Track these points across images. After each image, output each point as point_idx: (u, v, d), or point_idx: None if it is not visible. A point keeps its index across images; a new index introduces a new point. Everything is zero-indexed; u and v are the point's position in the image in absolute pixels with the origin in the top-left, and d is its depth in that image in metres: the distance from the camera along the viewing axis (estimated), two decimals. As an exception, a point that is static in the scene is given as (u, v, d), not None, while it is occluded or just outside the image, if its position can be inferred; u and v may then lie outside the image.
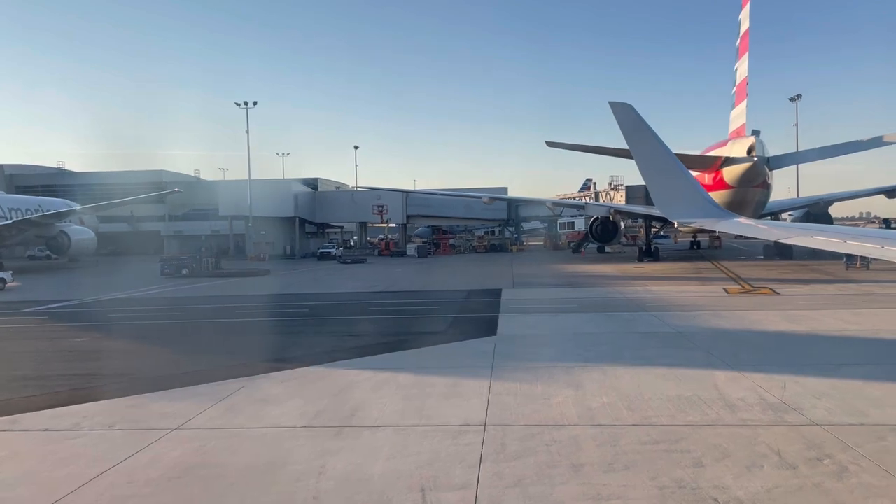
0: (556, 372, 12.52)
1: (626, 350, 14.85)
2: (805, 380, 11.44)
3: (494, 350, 14.88)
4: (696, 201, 10.14)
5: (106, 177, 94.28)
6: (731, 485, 7.02)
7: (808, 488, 6.91)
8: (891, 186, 44.18)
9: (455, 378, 12.21)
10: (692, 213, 10.36)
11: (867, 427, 8.85)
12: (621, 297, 24.76)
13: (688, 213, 10.47)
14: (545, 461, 7.83)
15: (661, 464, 7.68)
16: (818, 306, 21.08)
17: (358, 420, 9.77)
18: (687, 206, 10.16)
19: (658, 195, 10.51)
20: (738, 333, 16.64)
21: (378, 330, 19.04)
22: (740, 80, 33.07)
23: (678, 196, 10.23)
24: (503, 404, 10.40)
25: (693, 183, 10.59)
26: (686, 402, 10.26)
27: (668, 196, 10.43)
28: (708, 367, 12.66)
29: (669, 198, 10.44)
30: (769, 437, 8.51)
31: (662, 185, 10.33)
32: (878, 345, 15.01)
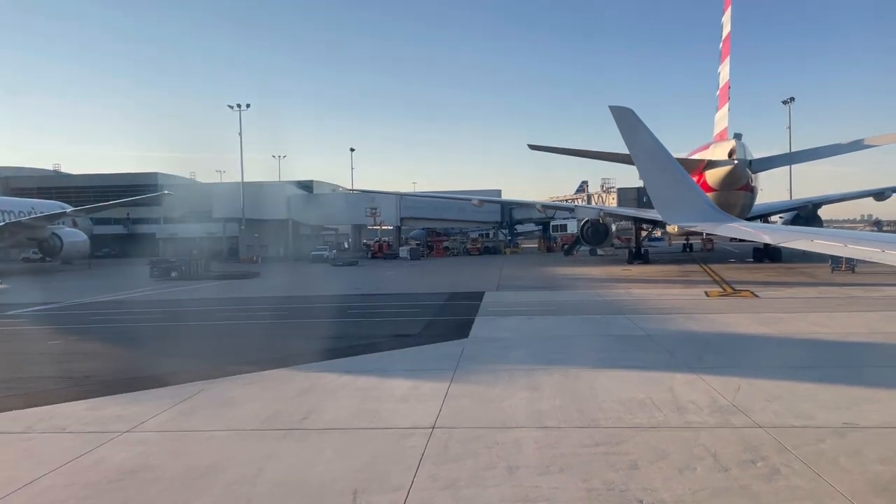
0: (518, 374, 12.59)
1: (592, 353, 14.93)
2: (761, 382, 11.51)
3: (462, 353, 14.94)
4: (695, 205, 10.21)
5: (101, 179, 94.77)
6: (659, 487, 7.08)
7: (735, 490, 6.97)
8: (879, 189, 44.30)
9: (416, 381, 12.28)
10: (692, 217, 10.39)
11: (810, 430, 8.91)
12: (601, 300, 24.84)
13: (687, 217, 10.50)
14: (484, 463, 7.89)
15: (596, 466, 7.74)
16: (794, 309, 21.16)
17: (309, 423, 9.83)
18: (687, 210, 10.24)
19: (658, 199, 10.54)
20: (707, 336, 16.70)
21: (353, 333, 19.11)
22: (723, 83, 33.21)
23: (678, 199, 10.29)
24: (457, 407, 10.46)
25: (693, 186, 10.63)
26: (637, 404, 10.32)
27: (668, 199, 10.48)
28: (668, 369, 12.73)
29: (669, 201, 10.48)
30: (710, 440, 8.56)
31: (662, 188, 10.36)
32: (843, 348, 15.06)
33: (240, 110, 70.12)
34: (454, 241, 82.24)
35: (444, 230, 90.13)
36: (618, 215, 50.57)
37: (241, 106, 70.11)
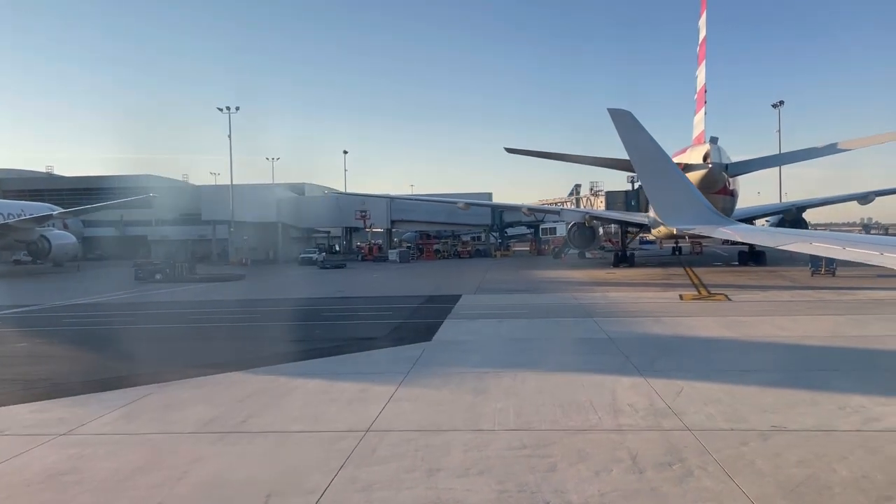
0: (468, 378, 12.67)
1: (550, 356, 15.04)
2: (704, 385, 11.61)
3: (421, 356, 15.02)
4: (694, 208, 10.24)
5: (93, 181, 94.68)
6: (570, 489, 7.17)
7: (643, 492, 7.06)
8: (863, 193, 44.51)
9: (366, 384, 12.34)
10: (690, 220, 10.42)
11: (737, 433, 9.00)
12: (575, 303, 24.92)
13: (685, 220, 10.53)
14: (407, 466, 7.97)
15: (516, 468, 7.82)
16: (762, 312, 21.27)
17: (247, 426, 9.89)
18: (685, 213, 10.29)
19: (657, 201, 10.68)
20: (667, 339, 16.81)
21: (319, 336, 19.17)
22: (699, 87, 33.40)
23: (677, 202, 10.36)
24: (398, 410, 10.54)
25: (692, 189, 10.66)
26: (576, 407, 10.40)
27: (667, 202, 10.56)
28: (619, 373, 12.80)
29: (668, 204, 10.57)
30: (635, 443, 8.66)
31: (661, 191, 10.44)
32: (797, 351, 15.16)
33: (229, 113, 70.27)
34: (445, 243, 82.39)
35: (437, 233, 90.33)
36: (603, 218, 50.72)
37: (230, 108, 70.27)
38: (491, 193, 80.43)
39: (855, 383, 11.61)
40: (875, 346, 15.13)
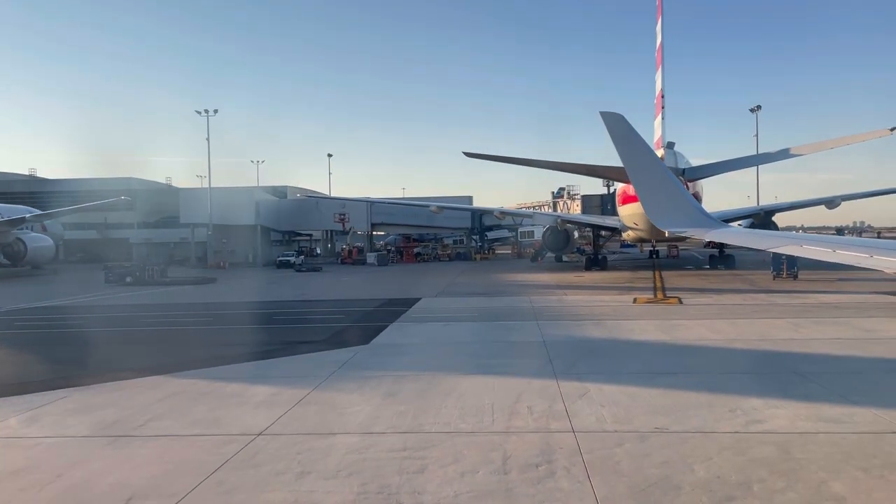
0: (385, 381, 12.78)
1: (476, 359, 15.18)
2: (611, 388, 11.79)
3: (350, 360, 15.14)
4: (685, 211, 10.32)
5: (75, 184, 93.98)
6: (428, 490, 7.31)
7: (497, 493, 7.20)
8: (829, 198, 45.09)
9: (281, 388, 12.41)
10: (681, 223, 10.49)
11: (618, 434, 9.18)
12: (528, 307, 25.10)
13: (677, 223, 10.60)
14: (279, 469, 8.08)
15: (386, 470, 7.95)
16: (705, 315, 21.52)
17: (144, 430, 9.95)
18: (676, 216, 10.36)
19: (648, 204, 10.68)
20: (598, 342, 17.02)
21: (263, 339, 19.23)
22: (658, 92, 33.77)
23: (667, 205, 10.43)
24: (300, 413, 10.64)
25: (683, 192, 10.73)
26: (476, 410, 10.55)
27: (658, 205, 10.64)
28: (536, 376, 12.95)
29: (659, 207, 10.64)
30: (515, 445, 8.81)
31: (652, 194, 10.52)
32: (720, 354, 15.41)
33: (207, 116, 70.11)
34: (425, 246, 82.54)
35: (419, 236, 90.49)
36: (575, 222, 51.04)
37: (208, 111, 70.14)
38: (471, 197, 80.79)
39: (760, 386, 11.86)
40: (797, 350, 15.37)
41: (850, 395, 10.89)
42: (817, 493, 7.03)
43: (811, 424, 9.45)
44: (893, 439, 8.71)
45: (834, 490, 7.10)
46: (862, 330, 17.85)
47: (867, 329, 17.95)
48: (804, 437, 8.92)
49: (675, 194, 10.44)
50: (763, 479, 7.46)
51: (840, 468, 7.72)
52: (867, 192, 45.62)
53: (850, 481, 7.32)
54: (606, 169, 32.25)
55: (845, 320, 19.71)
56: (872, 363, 13.86)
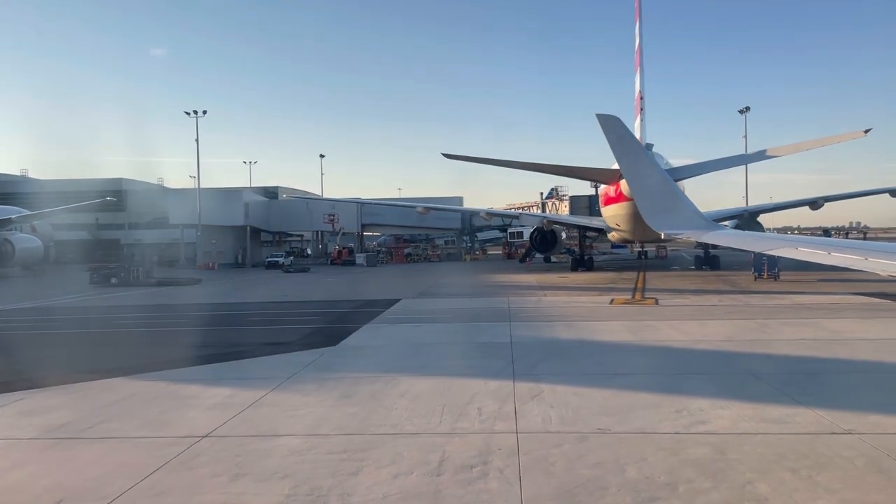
0: (344, 383, 12.81)
1: (442, 360, 15.27)
2: (565, 388, 11.85)
3: (313, 361, 15.17)
4: (682, 213, 10.30)
5: (66, 184, 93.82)
6: (358, 492, 7.34)
7: (425, 494, 7.25)
8: (812, 199, 45.34)
9: (238, 390, 12.43)
10: (678, 225, 10.50)
11: (561, 435, 9.25)
12: (504, 307, 25.17)
13: (674, 225, 10.61)
14: (215, 471, 8.10)
15: (321, 472, 7.99)
16: (677, 317, 21.64)
17: (92, 432, 9.95)
18: (673, 218, 10.36)
19: (644, 206, 10.66)
20: (564, 343, 17.11)
21: (232, 341, 19.21)
22: (636, 94, 33.93)
23: (664, 207, 10.43)
24: (250, 416, 10.66)
25: (679, 195, 10.65)
26: (426, 411, 10.59)
27: (655, 207, 10.63)
28: (494, 377, 12.99)
29: (656, 209, 10.64)
30: (455, 446, 8.86)
31: (649, 196, 10.52)
32: (681, 354, 15.50)
33: (196, 117, 69.99)
34: (416, 247, 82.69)
35: (411, 236, 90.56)
36: (560, 223, 51.18)
37: (197, 112, 70.04)
38: (461, 197, 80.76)
39: (711, 386, 11.93)
40: (758, 351, 15.46)
41: (798, 396, 10.98)
42: (740, 494, 7.11)
43: (752, 425, 9.54)
44: (829, 440, 8.80)
45: (758, 491, 7.18)
46: (828, 331, 17.98)
47: (833, 330, 18.08)
48: (742, 437, 9.01)
49: (670, 196, 10.43)
50: (691, 479, 7.53)
51: (769, 469, 7.80)
52: (849, 194, 45.96)
53: (776, 482, 7.40)
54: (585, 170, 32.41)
55: (814, 321, 19.84)
56: (829, 364, 13.97)
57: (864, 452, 8.27)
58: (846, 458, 8.08)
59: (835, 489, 7.18)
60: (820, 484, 7.33)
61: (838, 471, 7.71)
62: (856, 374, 12.97)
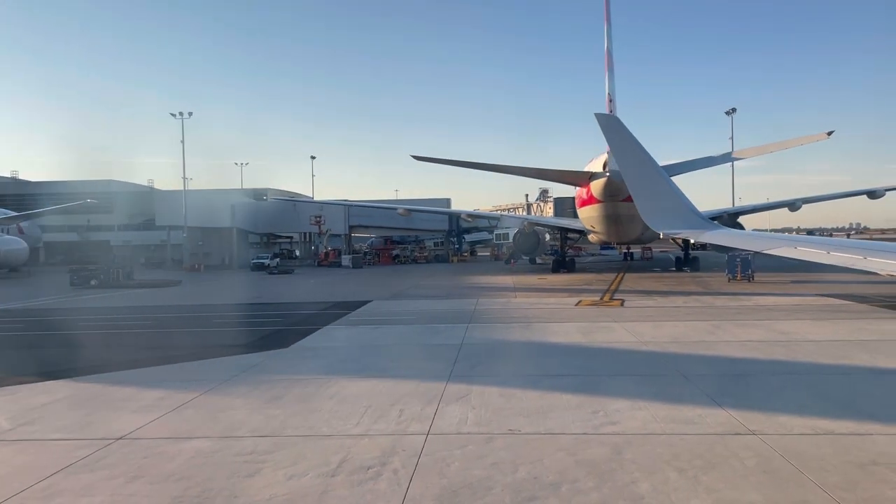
0: (279, 385, 12.88)
1: (388, 361, 15.36)
2: (493, 390, 11.94)
3: (258, 363, 15.27)
4: (679, 213, 10.35)
5: (56, 186, 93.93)
6: (248, 493, 7.43)
7: (311, 496, 7.32)
8: (791, 200, 45.54)
9: (172, 392, 12.47)
10: (676, 225, 10.55)
11: (469, 436, 9.34)
12: (469, 309, 25.26)
13: (671, 224, 10.67)
14: (115, 473, 8.16)
15: (220, 474, 8.07)
16: (636, 318, 21.75)
17: (10, 434, 10.00)
18: (671, 218, 10.43)
19: (643, 206, 10.71)
20: (513, 345, 17.22)
21: (188, 343, 19.25)
22: (606, 96, 34.05)
23: (662, 207, 10.47)
24: (172, 418, 10.71)
25: (678, 195, 10.72)
26: (347, 413, 10.67)
27: (653, 207, 10.68)
28: (430, 378, 13.07)
29: (654, 209, 10.69)
30: (362, 447, 8.94)
31: (647, 196, 10.55)
32: (623, 356, 15.61)
33: (182, 118, 70.02)
34: (404, 249, 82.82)
35: (401, 238, 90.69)
36: (542, 225, 51.28)
37: (183, 114, 70.08)
38: (449, 199, 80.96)
39: (638, 387, 12.04)
40: (700, 352, 15.58)
41: (718, 398, 11.09)
42: (619, 493, 7.21)
43: (661, 426, 9.65)
44: (730, 441, 8.90)
45: (638, 490, 7.29)
46: (777, 332, 18.11)
47: (782, 332, 18.21)
48: (646, 438, 9.11)
49: (669, 196, 10.42)
50: (577, 479, 7.63)
51: (659, 469, 7.91)
52: (827, 195, 46.17)
53: (659, 482, 7.51)
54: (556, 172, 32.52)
55: (768, 323, 19.99)
56: (763, 366, 14.08)
57: (760, 453, 8.39)
58: (739, 459, 8.19)
59: (715, 489, 7.29)
60: (703, 484, 7.44)
61: (727, 471, 7.82)
62: (785, 375, 13.06)
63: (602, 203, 33.89)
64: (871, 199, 43.51)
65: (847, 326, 18.87)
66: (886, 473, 7.60)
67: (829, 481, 7.39)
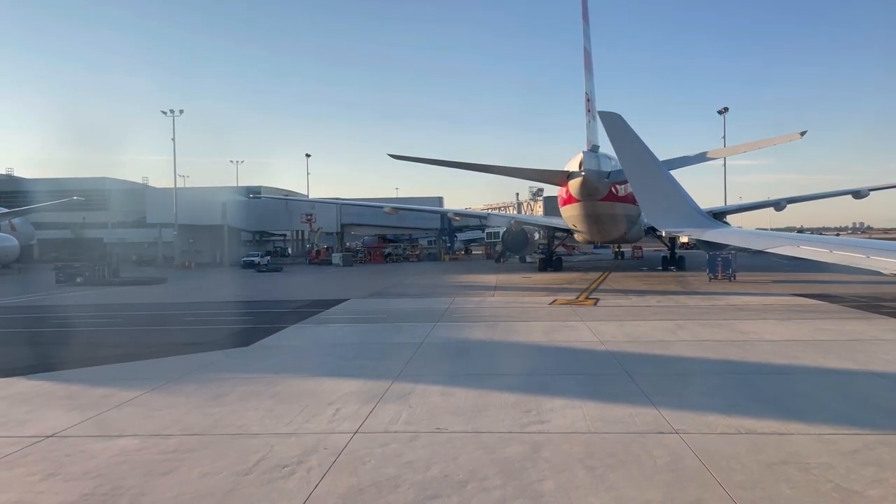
0: (227, 384, 12.91)
1: (343, 360, 15.35)
2: (435, 389, 12.00)
3: (214, 362, 15.34)
4: (683, 211, 10.28)
5: (50, 183, 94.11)
6: (155, 491, 7.47)
7: (216, 494, 7.36)
8: (776, 200, 45.58)
9: (118, 390, 12.48)
10: (679, 223, 10.51)
11: (395, 434, 9.39)
12: (443, 308, 25.30)
13: (674, 223, 10.63)
14: (34, 470, 8.21)
15: (136, 472, 8.11)
16: (605, 318, 21.80)
17: (-56, 432, 10.10)
18: (674, 216, 10.36)
19: (646, 204, 10.72)
20: (472, 344, 17.25)
21: (151, 341, 19.24)
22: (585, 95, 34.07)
23: (666, 206, 10.41)
24: (110, 416, 10.75)
25: (681, 193, 10.67)
26: (283, 412, 10.72)
27: (656, 206, 10.63)
28: (378, 377, 13.09)
29: (657, 207, 10.65)
30: (285, 446, 8.99)
31: (650, 194, 10.49)
32: (575, 355, 15.63)
33: (173, 116, 70.09)
34: (397, 247, 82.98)
35: (395, 236, 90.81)
36: (529, 223, 51.32)
37: (174, 112, 70.15)
38: (441, 198, 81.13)
39: (580, 386, 12.10)
40: (654, 352, 15.58)
41: (655, 397, 11.15)
42: (521, 492, 7.26)
43: (588, 424, 9.71)
44: (650, 439, 8.95)
45: (541, 488, 7.34)
46: (738, 332, 18.16)
47: (744, 331, 18.26)
48: (567, 436, 9.17)
49: (672, 194, 10.34)
50: (486, 477, 7.69)
51: (569, 467, 7.96)
52: (812, 195, 46.19)
53: (565, 480, 7.57)
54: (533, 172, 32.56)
55: (732, 323, 20.03)
56: (712, 365, 14.13)
57: (674, 452, 8.45)
58: (652, 458, 8.25)
59: (617, 487, 7.35)
60: (607, 482, 7.49)
61: (635, 470, 7.88)
62: (729, 375, 13.12)
63: (580, 202, 33.91)
64: (856, 199, 43.56)
65: (808, 326, 18.92)
66: (791, 473, 7.66)
67: (733, 480, 7.45)
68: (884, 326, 18.77)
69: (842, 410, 10.35)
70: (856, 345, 15.94)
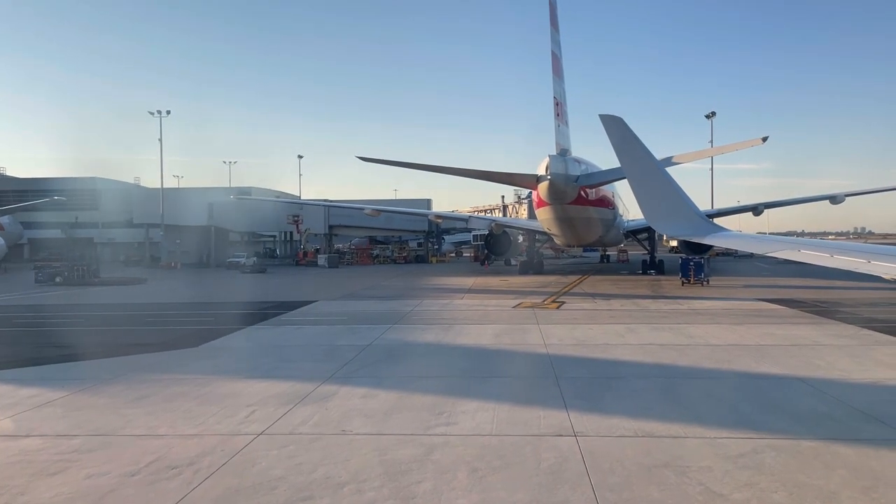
0: (157, 385, 12.96)
1: (281, 362, 15.40)
2: (360, 391, 12.08)
3: (155, 363, 15.40)
4: (684, 215, 10.33)
5: (41, 183, 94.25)
6: (36, 492, 7.54)
7: (94, 495, 7.43)
8: (753, 205, 45.69)
9: (46, 390, 12.50)
10: (680, 227, 10.56)
11: (297, 437, 9.44)
12: (408, 310, 25.40)
13: (676, 228, 10.69)
14: (-73, 470, 8.31)
15: (27, 472, 8.18)
16: (562, 321, 21.88)
17: None
18: (675, 220, 10.43)
19: (647, 208, 10.69)
20: (417, 346, 17.32)
21: (104, 341, 19.16)
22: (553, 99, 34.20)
23: (667, 210, 10.46)
24: (25, 416, 10.79)
25: (682, 197, 10.72)
26: (198, 414, 10.77)
27: (657, 210, 10.66)
28: (308, 380, 13.13)
29: (658, 211, 10.67)
30: (184, 448, 9.03)
31: (651, 198, 10.50)
32: (513, 358, 15.72)
33: (160, 116, 70.27)
34: (385, 249, 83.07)
35: (385, 238, 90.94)
36: (509, 226, 51.45)
37: (161, 112, 70.32)
38: (429, 200, 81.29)
39: (501, 389, 12.23)
40: (595, 355, 15.68)
41: (573, 400, 11.25)
42: (395, 493, 7.34)
43: (492, 427, 9.79)
44: (546, 442, 9.02)
45: (416, 490, 7.42)
46: (685, 336, 18.25)
47: (691, 335, 18.35)
48: (466, 438, 9.26)
49: (673, 199, 10.39)
50: (367, 479, 7.77)
51: (454, 469, 8.05)
52: (790, 200, 46.34)
53: (444, 482, 7.64)
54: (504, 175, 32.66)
55: (683, 326, 20.13)
56: (644, 368, 14.18)
57: (563, 454, 8.53)
58: (538, 460, 8.33)
59: (491, 489, 7.43)
60: (483, 484, 7.57)
61: (516, 472, 7.96)
62: (656, 378, 13.18)
63: (550, 206, 34.02)
64: (833, 205, 43.73)
65: (757, 331, 19.02)
66: (668, 476, 7.74)
67: (606, 482, 7.54)
68: (831, 331, 18.86)
69: (748, 414, 10.46)
70: (795, 350, 16.05)
